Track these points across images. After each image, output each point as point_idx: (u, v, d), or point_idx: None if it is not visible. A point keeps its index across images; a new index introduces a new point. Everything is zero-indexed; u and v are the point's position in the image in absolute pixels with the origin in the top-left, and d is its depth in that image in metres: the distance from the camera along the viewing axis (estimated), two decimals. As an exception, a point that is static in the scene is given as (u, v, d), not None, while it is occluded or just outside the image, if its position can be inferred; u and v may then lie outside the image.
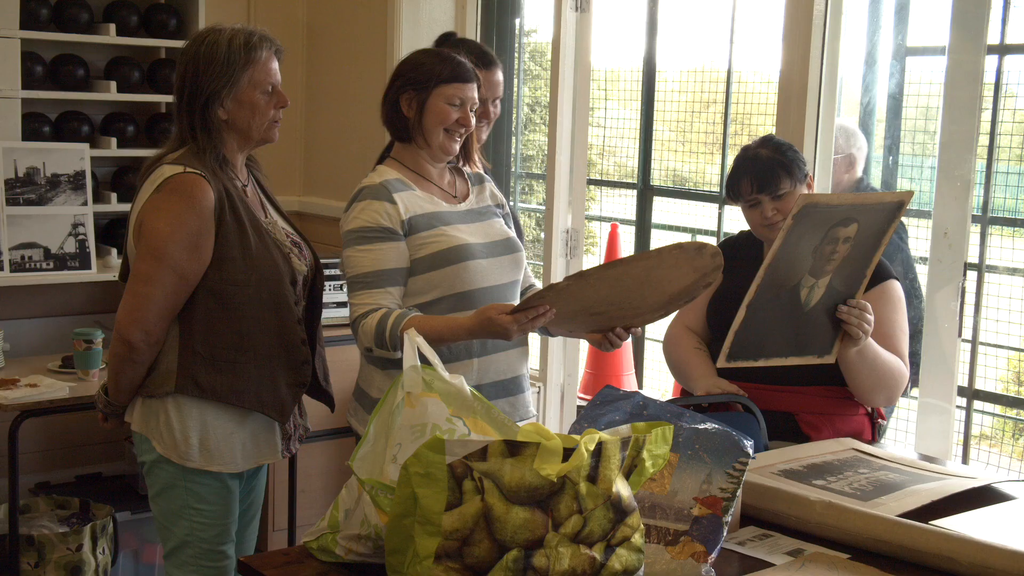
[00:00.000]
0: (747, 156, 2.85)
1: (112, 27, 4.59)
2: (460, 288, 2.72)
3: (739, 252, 2.93)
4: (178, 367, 2.65)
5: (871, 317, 2.67)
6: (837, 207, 2.57)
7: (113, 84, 4.60)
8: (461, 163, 2.93)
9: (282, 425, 2.79)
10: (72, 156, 4.42)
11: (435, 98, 2.72)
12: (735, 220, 4.16)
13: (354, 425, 2.83)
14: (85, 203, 4.39)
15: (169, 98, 4.70)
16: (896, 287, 2.84)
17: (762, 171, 2.79)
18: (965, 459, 3.47)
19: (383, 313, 2.61)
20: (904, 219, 3.68)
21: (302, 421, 2.91)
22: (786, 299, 2.64)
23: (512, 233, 2.90)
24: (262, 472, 2.95)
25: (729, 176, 2.88)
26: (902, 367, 2.78)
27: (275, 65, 2.70)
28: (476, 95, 2.77)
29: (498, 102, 3.24)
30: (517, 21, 4.99)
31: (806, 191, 2.81)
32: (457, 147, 2.79)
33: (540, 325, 2.51)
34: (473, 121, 2.78)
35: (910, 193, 2.64)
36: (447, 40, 3.33)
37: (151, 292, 2.59)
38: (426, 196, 2.77)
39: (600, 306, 2.51)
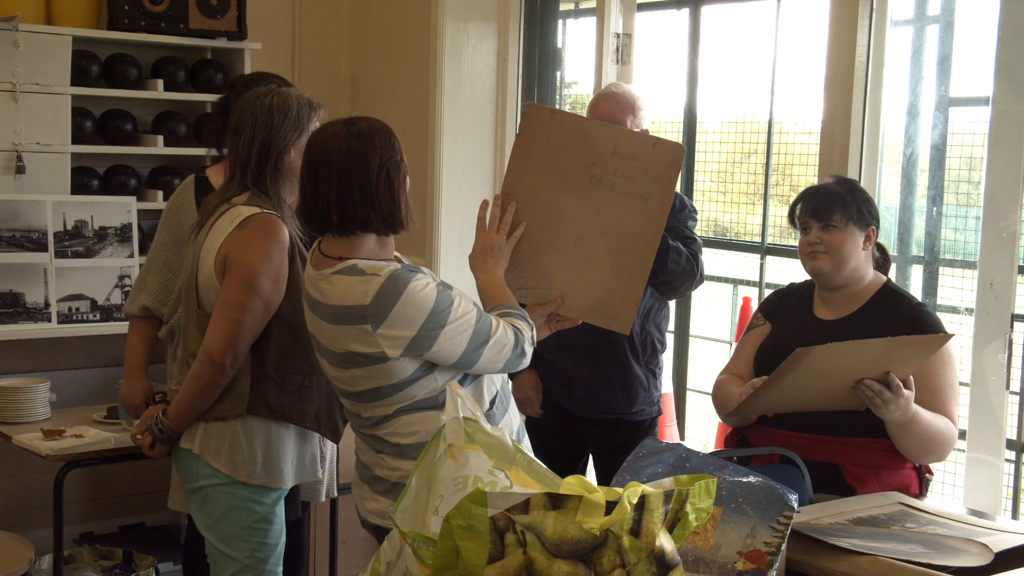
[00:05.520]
0: (815, 185, 2.97)
1: (160, 83, 4.68)
2: None
3: (787, 302, 2.96)
4: (250, 390, 2.85)
5: (890, 396, 2.58)
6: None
7: (160, 138, 4.68)
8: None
9: (322, 448, 3.06)
10: (119, 209, 4.49)
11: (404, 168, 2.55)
12: (777, 270, 4.15)
13: (376, 520, 2.62)
14: (131, 255, 4.46)
15: (215, 151, 4.78)
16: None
17: (821, 198, 2.85)
18: (1015, 514, 3.41)
19: (504, 326, 2.52)
20: (949, 270, 3.65)
21: (326, 449, 3.16)
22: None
23: None
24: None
25: (792, 202, 2.94)
26: (950, 428, 2.73)
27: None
28: None
29: None
30: (558, 73, 5.03)
31: (862, 240, 2.83)
32: None
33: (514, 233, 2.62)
34: None
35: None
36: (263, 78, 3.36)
37: (243, 319, 2.79)
38: None
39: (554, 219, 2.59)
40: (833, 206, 2.82)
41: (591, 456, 3.79)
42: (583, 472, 3.75)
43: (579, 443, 3.71)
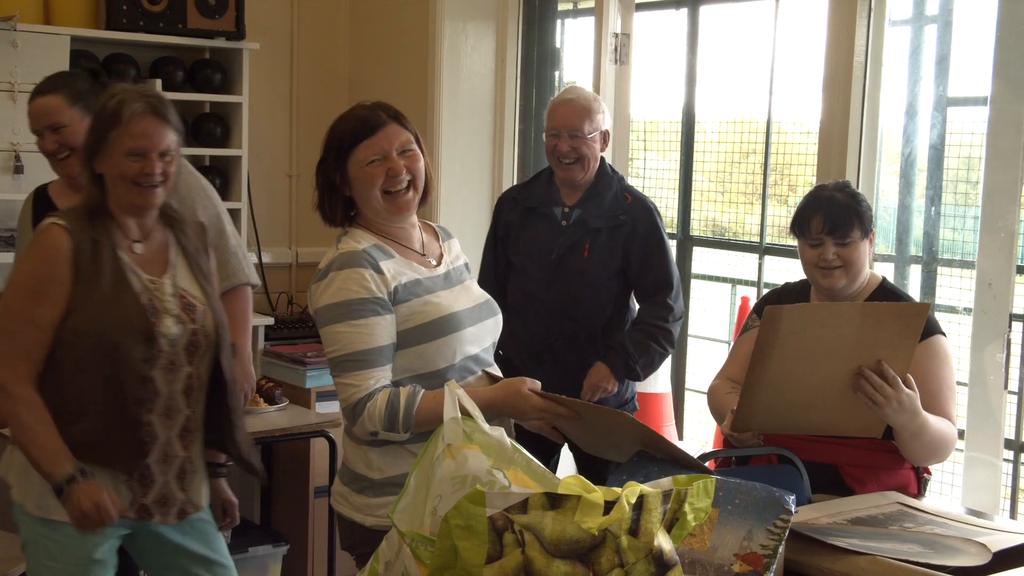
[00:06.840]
0: (823, 195, 2.84)
1: (158, 83, 4.67)
2: (448, 362, 2.52)
3: (783, 302, 2.94)
4: None
5: (891, 392, 2.56)
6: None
7: (159, 138, 4.67)
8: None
9: (129, 484, 2.66)
10: (118, 209, 4.47)
11: (352, 167, 2.56)
12: (775, 270, 4.15)
13: (346, 513, 2.58)
14: (130, 255, 4.44)
15: (213, 151, 4.78)
16: (943, 343, 2.78)
17: (837, 214, 2.78)
18: (1013, 514, 3.41)
19: (390, 393, 2.42)
20: (947, 269, 3.66)
21: (184, 496, 2.74)
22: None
23: (486, 293, 2.74)
24: (149, 548, 2.79)
25: (800, 211, 2.86)
26: (952, 430, 2.72)
27: (148, 128, 2.61)
28: (394, 141, 2.60)
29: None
30: (557, 73, 5.03)
31: (868, 246, 2.82)
32: (405, 204, 2.58)
33: (558, 424, 2.52)
34: (405, 166, 2.59)
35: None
36: None
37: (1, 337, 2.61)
38: (405, 263, 2.56)
39: (612, 437, 2.52)
40: (851, 220, 2.77)
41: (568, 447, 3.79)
42: (555, 466, 3.73)
43: (550, 443, 3.72)
